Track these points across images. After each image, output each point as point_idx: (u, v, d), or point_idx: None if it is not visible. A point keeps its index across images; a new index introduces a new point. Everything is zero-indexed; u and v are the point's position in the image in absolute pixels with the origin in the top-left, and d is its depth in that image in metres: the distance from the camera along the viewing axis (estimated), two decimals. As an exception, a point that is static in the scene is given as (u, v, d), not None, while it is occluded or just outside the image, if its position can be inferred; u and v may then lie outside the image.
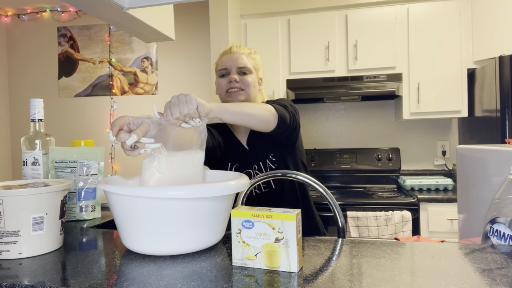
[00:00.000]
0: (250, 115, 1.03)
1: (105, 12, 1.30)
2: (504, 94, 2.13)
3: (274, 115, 1.12)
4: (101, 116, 3.55)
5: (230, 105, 0.99)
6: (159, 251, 0.72)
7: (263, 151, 1.32)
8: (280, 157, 1.31)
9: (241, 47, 1.36)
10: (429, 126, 2.97)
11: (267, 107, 1.11)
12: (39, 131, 1.12)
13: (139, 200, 0.69)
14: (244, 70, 1.32)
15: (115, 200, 0.73)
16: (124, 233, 0.75)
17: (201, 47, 3.36)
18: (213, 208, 0.74)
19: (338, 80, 2.65)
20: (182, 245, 0.73)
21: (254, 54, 1.38)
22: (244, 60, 1.32)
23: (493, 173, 0.93)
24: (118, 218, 0.75)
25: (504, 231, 0.74)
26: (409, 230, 2.27)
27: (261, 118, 1.07)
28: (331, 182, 3.00)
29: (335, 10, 2.76)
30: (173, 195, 0.67)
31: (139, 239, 0.73)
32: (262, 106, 1.09)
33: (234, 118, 0.99)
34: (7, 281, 0.63)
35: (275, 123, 1.12)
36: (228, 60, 1.33)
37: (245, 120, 1.02)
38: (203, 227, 0.74)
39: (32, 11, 3.63)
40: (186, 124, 0.86)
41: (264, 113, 1.08)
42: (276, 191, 1.32)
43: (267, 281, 0.60)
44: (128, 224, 0.73)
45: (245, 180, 0.78)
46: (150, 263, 0.69)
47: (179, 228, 0.71)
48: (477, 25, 2.56)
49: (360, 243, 0.78)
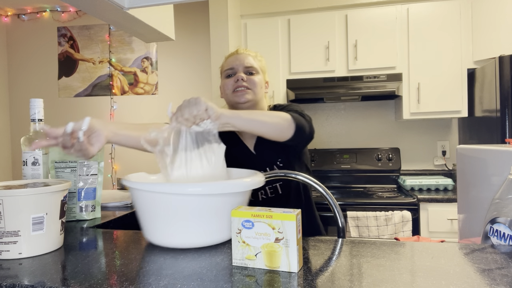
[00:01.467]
0: (263, 123, 1.01)
1: (105, 12, 1.30)
2: (504, 94, 2.13)
3: (290, 124, 1.08)
4: (101, 116, 3.55)
5: (243, 112, 0.97)
6: (181, 243, 0.77)
7: (270, 157, 1.30)
8: (287, 162, 1.30)
9: (247, 50, 1.35)
10: (429, 126, 2.97)
11: (282, 115, 1.07)
12: (39, 131, 1.12)
13: (163, 196, 0.74)
14: (251, 70, 1.30)
15: (140, 196, 0.77)
16: (148, 227, 0.79)
17: (201, 47, 3.36)
18: (230, 203, 0.78)
19: (338, 80, 2.65)
20: (203, 238, 0.77)
21: (260, 57, 1.37)
22: (250, 60, 1.31)
23: (493, 173, 0.93)
24: (143, 213, 0.79)
25: (504, 231, 0.74)
26: (409, 230, 2.27)
27: (275, 127, 1.04)
28: (331, 182, 3.00)
29: (335, 10, 2.76)
30: (193, 191, 0.72)
31: (162, 232, 0.77)
32: (276, 114, 1.06)
33: (247, 125, 0.97)
34: (7, 281, 0.63)
35: (291, 133, 1.09)
36: (234, 60, 1.31)
37: (258, 128, 1.00)
38: (222, 221, 0.78)
39: (32, 11, 3.63)
40: (197, 126, 0.87)
41: (278, 121, 1.05)
42: (282, 197, 1.31)
43: (267, 281, 0.60)
44: (153, 219, 0.77)
45: (260, 178, 0.81)
46: (150, 263, 0.69)
47: (199, 221, 0.76)
48: (477, 25, 2.56)
49: (360, 243, 0.78)
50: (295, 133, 1.10)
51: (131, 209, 1.27)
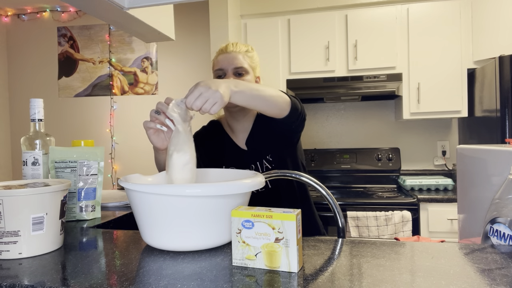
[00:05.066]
0: (264, 99, 1.04)
1: (105, 12, 1.30)
2: (504, 94, 2.13)
3: (287, 101, 1.12)
4: (101, 116, 3.55)
5: (245, 87, 0.99)
6: (180, 246, 0.75)
7: (261, 151, 1.31)
8: (279, 157, 1.31)
9: (238, 45, 1.34)
10: (429, 126, 2.97)
11: (280, 93, 1.11)
12: (39, 131, 1.12)
13: (159, 198, 0.73)
14: (240, 71, 1.30)
15: (137, 197, 0.75)
16: (145, 229, 0.77)
17: (201, 47, 3.36)
18: (230, 205, 0.77)
19: (338, 80, 2.65)
20: (202, 241, 0.75)
21: (251, 51, 1.36)
22: (240, 60, 1.31)
23: (493, 173, 0.93)
24: (139, 215, 0.77)
25: (504, 231, 0.74)
26: (409, 230, 2.27)
27: (276, 103, 1.07)
28: (331, 182, 3.00)
29: (335, 10, 2.76)
30: (191, 192, 0.70)
31: (160, 235, 0.75)
32: (276, 91, 1.10)
33: (249, 102, 1.00)
34: (7, 281, 0.63)
35: (288, 110, 1.12)
36: (224, 60, 1.32)
37: (258, 104, 1.03)
38: (222, 224, 0.76)
39: (32, 11, 3.63)
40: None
41: (278, 98, 1.08)
42: (272, 191, 1.32)
43: (267, 281, 0.60)
44: (150, 221, 0.75)
45: (260, 178, 0.80)
46: (150, 263, 0.69)
47: (197, 223, 0.74)
48: (477, 25, 2.56)
49: (360, 243, 0.78)
50: (290, 111, 1.13)
51: (131, 209, 1.27)
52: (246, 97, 0.98)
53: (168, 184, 0.77)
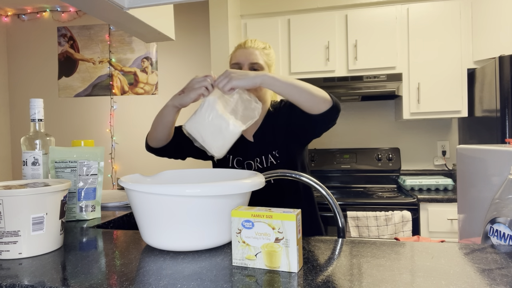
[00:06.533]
0: (300, 89, 1.09)
1: (105, 12, 1.30)
2: (504, 94, 2.13)
3: (326, 99, 1.13)
4: (101, 116, 3.55)
5: (280, 76, 1.07)
6: (179, 246, 0.75)
7: (267, 146, 1.32)
8: (286, 154, 1.31)
9: (256, 42, 1.36)
10: (429, 126, 2.97)
11: (320, 89, 1.14)
12: (39, 131, 1.12)
13: (159, 198, 0.73)
14: (256, 67, 1.32)
15: (137, 197, 0.75)
16: (145, 229, 0.77)
17: (201, 47, 3.36)
18: (229, 205, 0.77)
19: (338, 80, 2.65)
20: (202, 241, 0.75)
21: (268, 49, 1.38)
22: (256, 56, 1.33)
23: (493, 173, 0.93)
24: (139, 215, 0.77)
25: (504, 231, 0.74)
26: (409, 230, 2.27)
27: (312, 97, 1.10)
28: (331, 182, 3.00)
29: (335, 10, 2.76)
30: (190, 192, 0.70)
31: (160, 235, 0.75)
32: (315, 87, 1.13)
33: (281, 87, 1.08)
34: (7, 281, 0.63)
35: (326, 107, 1.13)
36: (241, 55, 1.34)
37: (292, 92, 1.09)
38: (222, 224, 0.76)
39: (32, 11, 3.63)
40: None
41: (316, 92, 1.11)
42: (275, 187, 1.32)
43: (267, 281, 0.60)
44: (150, 221, 0.75)
45: (260, 178, 0.80)
46: (150, 263, 0.69)
47: (197, 223, 0.74)
48: (477, 25, 2.56)
49: (360, 243, 0.78)
50: (330, 109, 1.14)
51: (131, 209, 1.27)
52: (279, 83, 1.06)
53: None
